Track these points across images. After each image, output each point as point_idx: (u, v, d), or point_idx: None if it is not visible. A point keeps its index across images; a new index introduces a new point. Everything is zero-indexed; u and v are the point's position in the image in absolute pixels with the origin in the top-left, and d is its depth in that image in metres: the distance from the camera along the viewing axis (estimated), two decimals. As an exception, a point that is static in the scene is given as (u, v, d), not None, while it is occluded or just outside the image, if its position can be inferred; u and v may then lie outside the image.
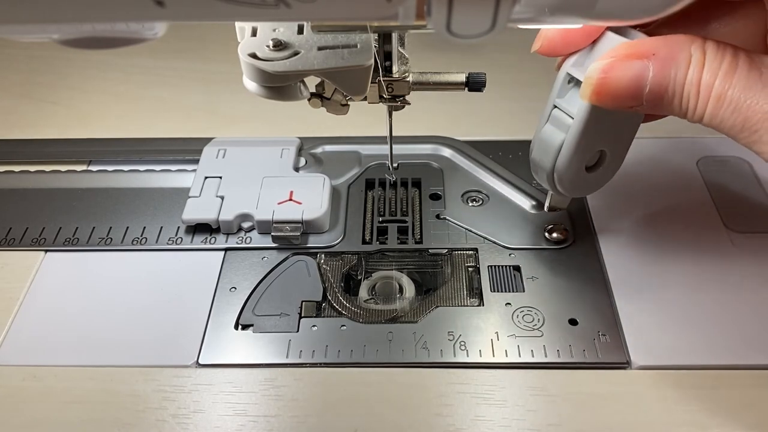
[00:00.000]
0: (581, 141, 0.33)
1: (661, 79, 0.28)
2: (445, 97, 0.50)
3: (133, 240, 0.40)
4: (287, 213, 0.40)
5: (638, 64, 0.28)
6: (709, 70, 0.27)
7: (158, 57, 0.57)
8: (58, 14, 0.21)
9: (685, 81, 0.28)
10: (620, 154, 0.35)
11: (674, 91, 0.28)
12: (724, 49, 0.27)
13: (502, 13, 0.21)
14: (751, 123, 0.27)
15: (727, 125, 0.28)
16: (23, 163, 0.46)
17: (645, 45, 0.29)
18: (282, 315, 0.36)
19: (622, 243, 0.39)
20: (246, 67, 0.32)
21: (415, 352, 0.34)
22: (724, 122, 0.28)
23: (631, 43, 0.29)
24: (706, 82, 0.27)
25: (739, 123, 0.27)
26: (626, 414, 0.32)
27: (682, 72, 0.28)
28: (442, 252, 0.40)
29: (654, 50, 0.28)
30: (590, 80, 0.30)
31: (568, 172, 0.34)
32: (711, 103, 0.27)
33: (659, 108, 0.29)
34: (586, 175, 0.35)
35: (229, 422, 0.32)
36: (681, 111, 0.29)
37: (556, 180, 0.35)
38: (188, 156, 0.46)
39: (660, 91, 0.28)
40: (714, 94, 0.27)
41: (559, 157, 0.34)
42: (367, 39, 0.32)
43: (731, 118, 0.27)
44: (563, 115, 0.33)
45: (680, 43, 0.28)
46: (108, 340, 0.35)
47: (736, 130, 0.27)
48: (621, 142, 0.35)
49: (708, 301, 0.36)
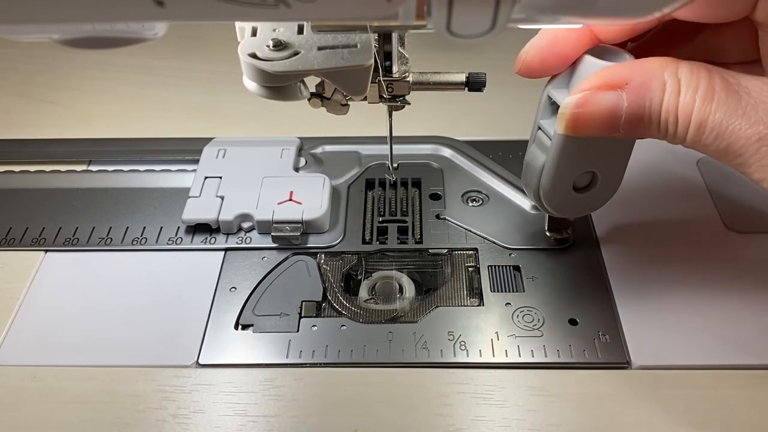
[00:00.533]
0: (560, 162, 0.33)
1: (636, 108, 0.28)
2: (445, 97, 0.50)
3: (133, 240, 0.40)
4: (287, 213, 0.40)
5: (611, 95, 0.28)
6: (685, 96, 0.27)
7: (158, 57, 0.57)
8: (58, 14, 0.21)
9: (660, 108, 0.28)
10: (615, 175, 0.35)
11: (650, 119, 0.28)
12: (698, 73, 0.27)
13: (502, 13, 0.21)
14: (735, 148, 0.26)
15: (711, 150, 0.27)
16: (23, 163, 0.46)
17: (617, 74, 0.28)
18: (282, 315, 0.36)
19: (622, 243, 0.39)
20: (246, 67, 0.32)
21: (415, 352, 0.34)
22: (707, 147, 0.27)
23: (603, 73, 0.29)
24: (684, 110, 0.27)
25: (723, 148, 0.27)
26: (626, 414, 0.32)
27: (657, 100, 0.28)
28: (442, 252, 0.40)
29: (627, 79, 0.28)
30: (564, 115, 0.30)
31: (552, 192, 0.34)
32: (692, 130, 0.27)
33: (637, 135, 0.29)
34: (577, 196, 0.35)
35: (229, 422, 0.32)
36: (660, 136, 0.28)
37: (543, 200, 0.35)
38: (188, 156, 0.46)
39: (635, 120, 0.28)
40: (694, 121, 0.27)
41: (542, 177, 0.34)
42: (367, 39, 0.32)
43: (714, 144, 0.27)
44: (545, 137, 0.34)
45: (653, 69, 0.28)
46: (108, 340, 0.35)
47: (720, 155, 0.27)
48: (613, 164, 0.34)
49: (708, 302, 0.36)
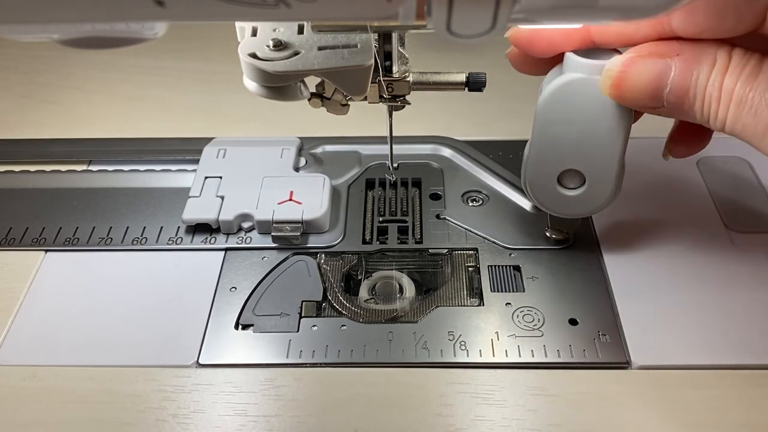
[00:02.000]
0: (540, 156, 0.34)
1: (683, 80, 0.27)
2: (445, 97, 0.50)
3: (133, 240, 0.40)
4: (287, 213, 0.40)
5: (661, 62, 0.28)
6: (732, 73, 0.26)
7: (158, 57, 0.57)
8: (58, 14, 0.21)
9: (707, 84, 0.27)
10: (605, 178, 0.34)
11: (695, 94, 0.27)
12: (750, 55, 0.27)
13: (502, 13, 0.21)
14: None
15: (749, 131, 0.27)
16: (23, 163, 0.46)
17: (670, 45, 0.28)
18: (282, 315, 0.36)
19: (622, 243, 0.39)
20: (246, 67, 0.32)
21: (415, 352, 0.34)
22: (746, 128, 0.27)
23: (656, 42, 0.28)
24: (727, 86, 0.26)
25: (762, 128, 0.26)
26: (626, 414, 0.32)
27: (705, 74, 0.27)
28: (442, 252, 0.40)
29: (679, 50, 0.28)
30: (610, 73, 0.29)
31: (534, 186, 0.35)
32: (732, 107, 0.26)
33: (681, 112, 0.28)
34: (566, 194, 0.35)
35: (229, 422, 0.32)
36: (703, 116, 0.28)
37: (528, 192, 0.36)
38: (188, 156, 0.46)
39: (681, 92, 0.27)
40: (735, 97, 0.26)
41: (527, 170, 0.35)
42: (367, 39, 0.32)
43: (753, 123, 0.26)
44: None
45: (707, 46, 0.27)
46: (108, 340, 0.35)
47: (758, 137, 0.27)
48: (600, 166, 0.34)
49: (708, 301, 0.36)
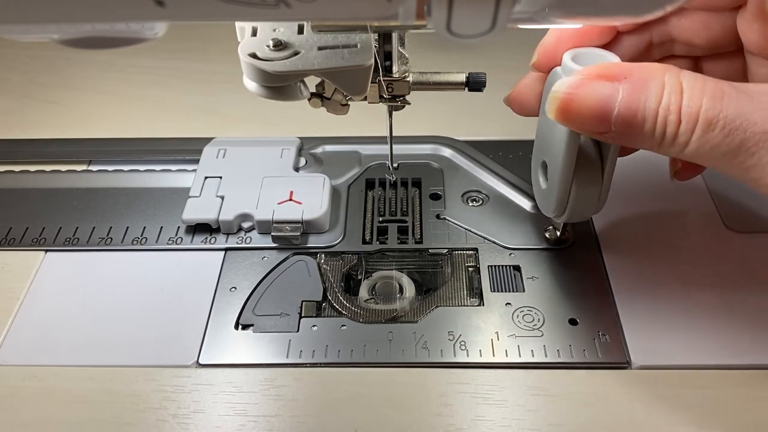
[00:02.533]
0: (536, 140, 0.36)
1: (631, 102, 0.27)
2: (445, 97, 0.50)
3: (133, 240, 0.40)
4: (287, 213, 0.40)
5: (608, 85, 0.27)
6: (691, 96, 0.26)
7: (158, 57, 0.57)
8: (58, 14, 0.21)
9: (659, 107, 0.27)
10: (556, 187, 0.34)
11: (646, 118, 0.27)
12: (704, 78, 0.27)
13: (502, 13, 0.21)
14: (750, 144, 0.26)
15: (720, 151, 0.26)
16: (23, 163, 0.46)
17: (617, 67, 0.28)
18: (282, 315, 0.36)
19: (622, 243, 0.39)
20: (246, 67, 0.32)
21: (415, 352, 0.34)
22: (715, 149, 0.26)
23: (603, 64, 0.28)
24: (689, 108, 0.26)
25: (735, 147, 0.26)
26: (626, 414, 0.32)
27: (655, 98, 0.27)
28: (442, 252, 0.40)
29: (626, 74, 0.27)
30: (556, 95, 0.29)
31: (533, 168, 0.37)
32: (700, 128, 0.26)
33: (629, 136, 0.28)
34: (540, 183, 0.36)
35: (229, 422, 0.32)
36: (655, 140, 0.27)
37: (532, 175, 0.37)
38: (188, 156, 0.46)
39: (629, 116, 0.27)
40: (702, 119, 0.26)
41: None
42: (367, 39, 0.32)
43: (725, 142, 0.26)
44: None
45: (655, 69, 0.27)
46: (108, 340, 0.35)
47: (729, 155, 0.26)
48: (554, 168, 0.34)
49: (708, 301, 0.36)
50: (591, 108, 0.28)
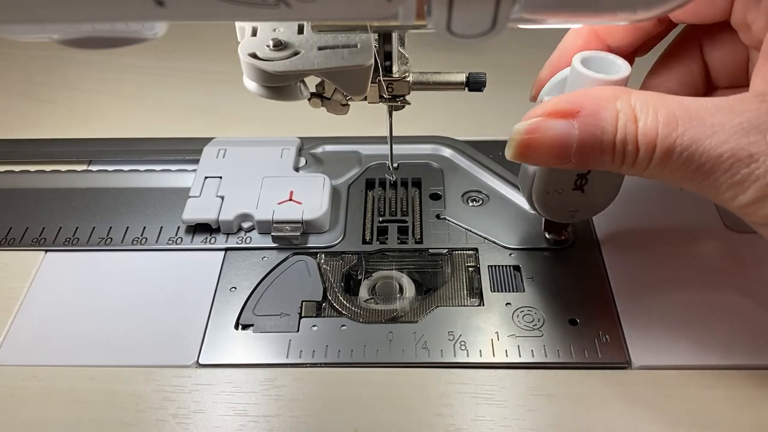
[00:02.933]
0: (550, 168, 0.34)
1: (587, 136, 0.28)
2: (445, 97, 0.50)
3: (133, 240, 0.40)
4: (287, 213, 0.40)
5: (562, 124, 0.28)
6: (645, 124, 0.27)
7: (158, 57, 0.57)
8: (58, 14, 0.21)
9: (615, 137, 0.27)
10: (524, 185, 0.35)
11: (603, 148, 0.28)
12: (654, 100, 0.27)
13: (502, 13, 0.21)
14: (707, 168, 0.26)
15: (677, 176, 0.27)
16: (23, 163, 0.46)
17: (569, 102, 0.28)
18: (282, 315, 0.36)
19: (622, 243, 0.39)
20: (246, 67, 0.32)
21: (415, 352, 0.34)
22: (673, 173, 0.27)
23: (556, 101, 0.29)
24: (646, 136, 0.27)
25: (692, 171, 0.27)
26: (626, 414, 0.32)
27: (610, 129, 0.27)
28: (442, 252, 0.40)
29: (578, 107, 0.28)
30: (513, 140, 0.30)
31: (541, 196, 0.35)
32: (658, 155, 0.27)
33: (590, 165, 0.29)
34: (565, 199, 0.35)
35: (229, 422, 0.32)
36: (615, 166, 0.28)
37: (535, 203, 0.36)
38: (188, 156, 0.46)
39: (587, 149, 0.28)
40: (660, 147, 0.27)
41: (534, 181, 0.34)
42: (367, 39, 0.32)
43: (683, 167, 0.27)
44: None
45: (605, 98, 0.28)
46: (108, 340, 0.35)
47: (687, 179, 0.27)
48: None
49: (708, 301, 0.36)
50: (549, 148, 0.29)
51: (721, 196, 0.27)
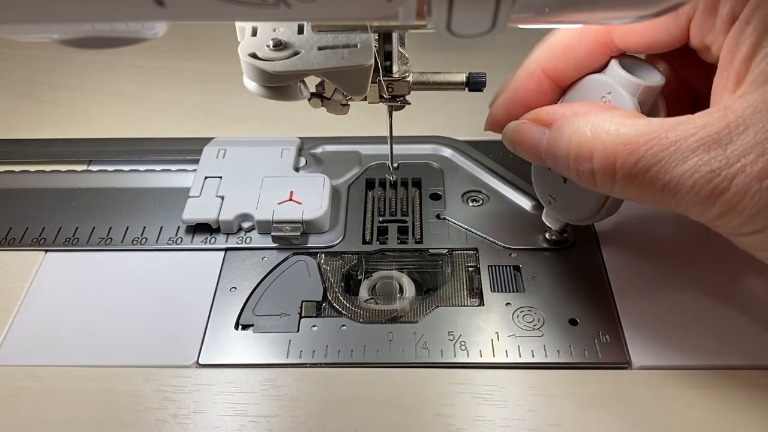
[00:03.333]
0: None
1: (549, 148, 0.31)
2: (445, 97, 0.50)
3: (133, 240, 0.40)
4: (287, 213, 0.40)
5: (537, 130, 0.32)
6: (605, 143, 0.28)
7: (158, 57, 0.57)
8: (58, 14, 0.21)
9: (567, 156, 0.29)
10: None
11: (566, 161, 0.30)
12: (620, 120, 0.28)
13: (502, 13, 0.21)
14: (671, 187, 0.26)
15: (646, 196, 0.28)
16: (23, 163, 0.46)
17: (550, 113, 0.31)
18: (282, 315, 0.36)
19: (622, 243, 0.39)
20: (246, 67, 0.32)
21: (415, 352, 0.34)
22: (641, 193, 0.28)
23: (540, 109, 0.32)
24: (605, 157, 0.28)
25: (658, 191, 0.27)
26: (626, 414, 0.32)
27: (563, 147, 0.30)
28: (443, 252, 0.40)
29: (554, 118, 0.31)
30: (506, 132, 0.34)
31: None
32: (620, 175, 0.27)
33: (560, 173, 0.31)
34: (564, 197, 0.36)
35: (229, 422, 0.32)
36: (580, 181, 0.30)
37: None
38: (188, 156, 0.46)
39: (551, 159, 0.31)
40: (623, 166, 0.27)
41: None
42: (367, 39, 0.32)
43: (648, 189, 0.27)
44: None
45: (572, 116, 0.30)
46: (108, 340, 0.35)
47: (655, 199, 0.27)
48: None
49: (708, 301, 0.36)
50: (526, 148, 0.32)
51: (690, 212, 0.27)
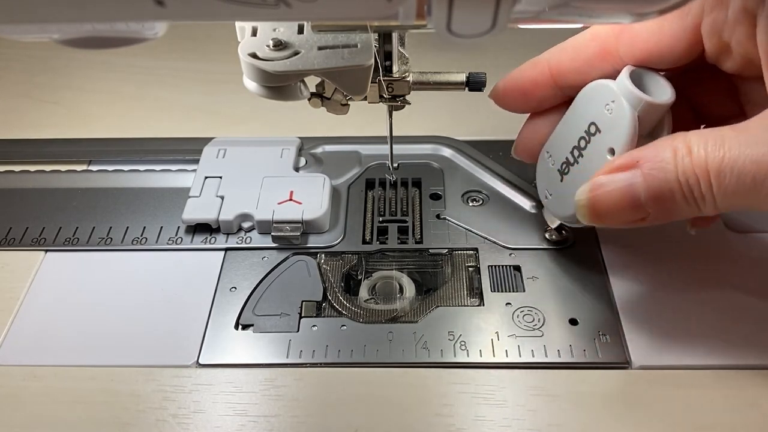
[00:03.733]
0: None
1: (653, 181, 0.28)
2: (445, 97, 0.50)
3: (133, 240, 0.40)
4: (287, 213, 0.40)
5: (625, 174, 0.28)
6: (698, 151, 0.27)
7: (158, 57, 0.57)
8: (58, 14, 0.21)
9: (677, 173, 0.27)
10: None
11: (671, 188, 0.27)
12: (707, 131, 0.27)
13: (502, 13, 0.21)
14: (759, 179, 0.26)
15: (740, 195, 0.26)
16: (23, 163, 0.46)
17: (628, 156, 0.29)
18: (282, 315, 0.36)
19: (622, 243, 0.39)
20: (246, 67, 0.32)
21: (415, 352, 0.34)
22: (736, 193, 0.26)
23: (615, 158, 0.29)
24: (699, 163, 0.27)
25: (749, 185, 0.26)
26: (626, 414, 0.32)
27: (670, 167, 0.27)
28: (443, 252, 0.40)
29: (639, 157, 0.28)
30: (581, 201, 0.30)
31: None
32: (713, 180, 0.26)
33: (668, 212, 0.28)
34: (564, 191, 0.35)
35: (229, 422, 0.32)
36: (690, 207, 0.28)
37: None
38: (188, 156, 0.46)
39: (657, 194, 0.28)
40: (712, 169, 0.26)
41: None
42: (367, 39, 0.32)
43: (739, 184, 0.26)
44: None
45: (663, 143, 0.28)
46: (108, 340, 0.35)
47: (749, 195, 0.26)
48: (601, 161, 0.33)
49: (708, 301, 0.36)
50: (619, 199, 0.28)
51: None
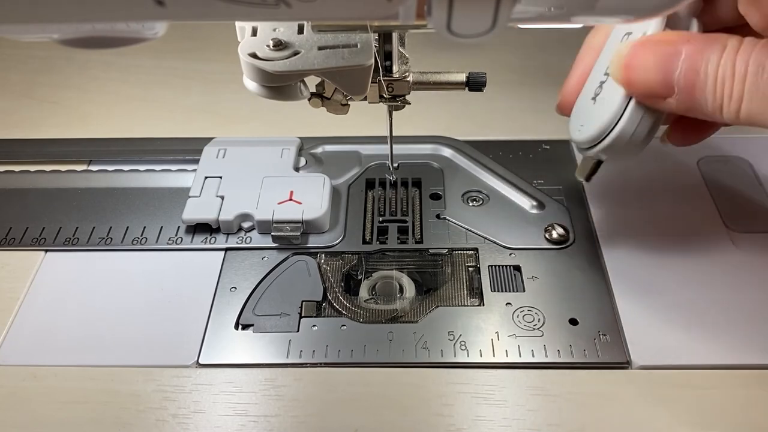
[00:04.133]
0: None
1: (694, 62, 0.27)
2: (445, 97, 0.50)
3: (133, 240, 0.40)
4: (287, 213, 0.40)
5: (670, 47, 0.28)
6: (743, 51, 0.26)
7: (158, 57, 0.57)
8: (58, 14, 0.21)
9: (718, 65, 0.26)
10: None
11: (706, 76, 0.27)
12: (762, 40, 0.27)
13: (502, 13, 0.21)
14: None
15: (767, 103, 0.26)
16: (23, 163, 0.46)
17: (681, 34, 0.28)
18: (282, 315, 0.36)
19: (622, 243, 0.39)
20: (246, 67, 0.32)
21: (415, 352, 0.34)
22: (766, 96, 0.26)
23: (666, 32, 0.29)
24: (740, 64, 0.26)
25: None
26: (626, 414, 0.32)
27: (716, 56, 0.27)
28: (443, 252, 0.40)
29: (689, 37, 0.28)
30: (620, 54, 0.29)
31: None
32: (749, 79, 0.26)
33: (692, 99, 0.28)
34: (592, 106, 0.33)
35: (229, 422, 0.32)
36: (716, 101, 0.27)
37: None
38: (188, 156, 0.46)
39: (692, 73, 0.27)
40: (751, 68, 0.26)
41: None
42: (367, 39, 0.32)
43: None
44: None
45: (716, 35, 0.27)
46: (108, 340, 0.35)
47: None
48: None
49: (708, 301, 0.36)
50: (655, 66, 0.28)
51: None
